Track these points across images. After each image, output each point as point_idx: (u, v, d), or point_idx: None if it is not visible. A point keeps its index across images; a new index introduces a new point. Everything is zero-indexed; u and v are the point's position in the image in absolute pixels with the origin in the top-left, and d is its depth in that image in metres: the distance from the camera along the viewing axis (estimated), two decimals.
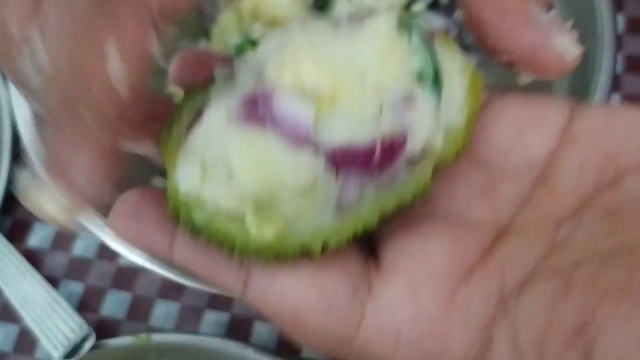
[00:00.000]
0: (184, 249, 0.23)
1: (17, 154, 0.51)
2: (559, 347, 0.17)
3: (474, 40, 0.45)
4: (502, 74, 0.44)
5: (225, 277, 0.22)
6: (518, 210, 0.21)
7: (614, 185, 0.20)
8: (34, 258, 0.47)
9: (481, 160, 0.22)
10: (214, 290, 0.38)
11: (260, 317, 0.44)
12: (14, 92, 0.38)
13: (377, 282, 0.21)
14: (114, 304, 0.46)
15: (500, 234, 0.21)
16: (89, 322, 0.44)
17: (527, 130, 0.22)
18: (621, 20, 0.52)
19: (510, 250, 0.21)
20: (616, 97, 0.50)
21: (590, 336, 0.17)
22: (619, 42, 0.33)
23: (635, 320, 0.16)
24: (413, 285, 0.21)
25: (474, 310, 0.20)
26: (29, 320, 0.44)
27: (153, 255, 0.23)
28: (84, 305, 0.46)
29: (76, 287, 0.47)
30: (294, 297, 0.21)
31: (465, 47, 0.46)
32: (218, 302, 0.46)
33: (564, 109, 0.22)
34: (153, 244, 0.23)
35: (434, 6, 0.47)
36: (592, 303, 0.17)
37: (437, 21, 0.46)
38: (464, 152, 0.21)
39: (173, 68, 0.26)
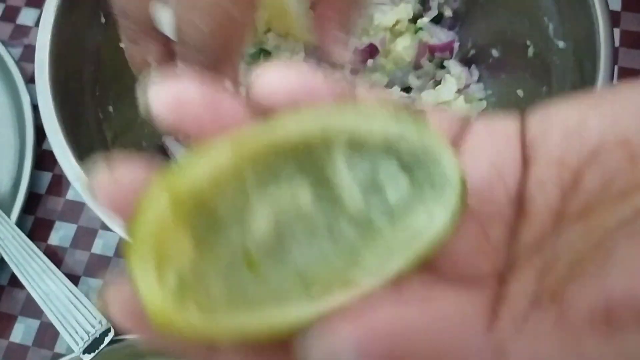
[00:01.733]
0: None
1: (39, 156, 0.53)
2: None
3: (476, 55, 0.48)
4: (502, 85, 0.47)
5: None
6: (509, 250, 0.21)
7: (575, 189, 0.20)
8: (55, 256, 0.50)
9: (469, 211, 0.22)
10: None
11: None
12: (41, 94, 0.39)
13: None
14: None
15: (501, 281, 0.21)
16: (108, 318, 0.46)
17: (499, 165, 0.22)
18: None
19: (512, 292, 0.21)
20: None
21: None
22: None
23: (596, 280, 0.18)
24: None
25: None
26: (51, 315, 0.45)
27: None
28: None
29: (95, 284, 0.49)
30: None
31: (468, 60, 0.49)
32: None
33: (515, 129, 0.22)
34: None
35: (437, 20, 0.49)
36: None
37: (440, 34, 0.48)
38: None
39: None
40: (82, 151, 0.38)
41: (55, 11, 0.41)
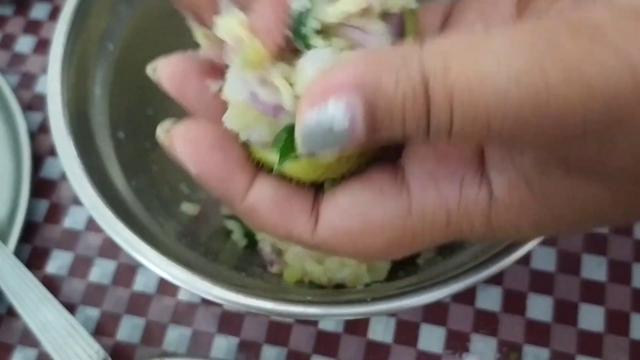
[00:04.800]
0: (261, 192, 0.24)
1: (36, 184, 0.53)
2: None
3: None
4: None
5: (295, 224, 0.24)
6: None
7: None
8: (52, 284, 0.49)
9: None
10: (230, 305, 0.39)
11: (268, 341, 0.46)
12: (54, 121, 0.39)
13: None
14: (128, 329, 0.48)
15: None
16: (105, 347, 0.46)
17: None
18: None
19: None
20: None
21: None
22: None
23: None
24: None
25: None
26: (48, 345, 0.45)
27: (221, 193, 0.25)
28: (100, 330, 0.48)
29: (93, 313, 0.49)
30: (358, 208, 0.24)
31: None
32: (228, 327, 0.48)
33: None
34: (231, 182, 0.24)
35: None
36: None
37: None
38: None
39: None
40: (96, 178, 0.39)
41: (64, 38, 0.41)
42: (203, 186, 0.25)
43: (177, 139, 0.24)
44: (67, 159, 0.38)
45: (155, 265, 0.36)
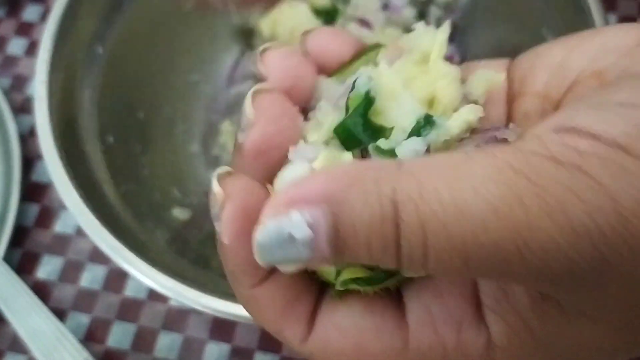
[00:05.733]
0: (268, 290, 0.23)
1: (26, 188, 0.52)
2: None
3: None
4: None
5: (288, 328, 0.23)
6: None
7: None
8: (42, 290, 0.49)
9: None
10: (218, 314, 0.39)
11: (260, 348, 0.46)
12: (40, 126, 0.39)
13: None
14: (119, 335, 0.48)
15: None
16: (95, 353, 0.45)
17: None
18: None
19: None
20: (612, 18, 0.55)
21: None
22: None
23: None
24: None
25: None
26: (37, 352, 0.45)
27: (231, 276, 0.24)
28: (91, 336, 0.48)
29: (83, 319, 0.48)
30: (356, 332, 0.23)
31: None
32: (220, 333, 0.47)
33: (502, 68, 0.25)
34: (246, 272, 0.23)
35: None
36: None
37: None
38: None
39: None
40: (84, 184, 0.38)
41: (52, 41, 0.41)
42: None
43: (229, 210, 0.22)
44: (54, 165, 0.38)
45: (142, 273, 0.36)
